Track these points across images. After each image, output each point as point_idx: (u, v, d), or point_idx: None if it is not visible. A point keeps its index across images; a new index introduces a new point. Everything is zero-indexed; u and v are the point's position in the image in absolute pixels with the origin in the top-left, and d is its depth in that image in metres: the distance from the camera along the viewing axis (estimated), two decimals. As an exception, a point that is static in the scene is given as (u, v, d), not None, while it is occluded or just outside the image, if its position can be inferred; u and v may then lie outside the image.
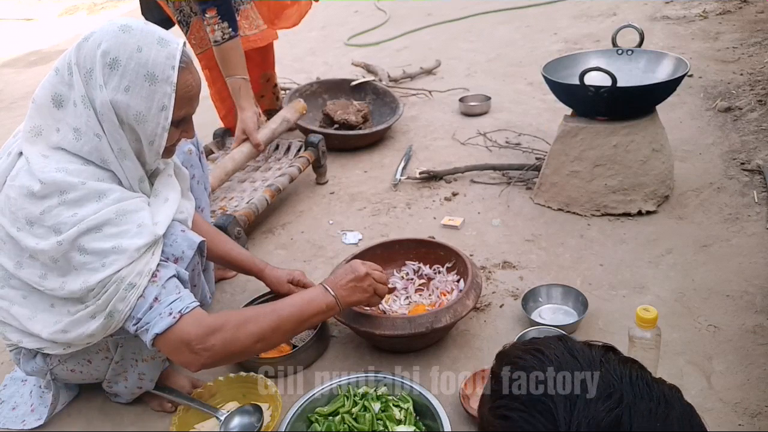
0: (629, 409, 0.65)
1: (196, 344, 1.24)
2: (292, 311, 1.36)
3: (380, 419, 1.41)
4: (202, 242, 1.40)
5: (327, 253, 2.19)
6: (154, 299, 1.24)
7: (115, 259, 1.21)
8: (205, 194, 1.90)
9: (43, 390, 1.61)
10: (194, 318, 1.25)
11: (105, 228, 1.21)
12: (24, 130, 1.29)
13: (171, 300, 1.25)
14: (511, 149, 2.76)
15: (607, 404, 0.65)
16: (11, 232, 1.26)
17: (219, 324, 1.27)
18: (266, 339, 1.33)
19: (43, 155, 1.25)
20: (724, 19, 3.99)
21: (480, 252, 2.08)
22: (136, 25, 1.25)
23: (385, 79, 3.57)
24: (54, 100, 1.26)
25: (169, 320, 1.23)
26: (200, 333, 1.24)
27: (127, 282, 1.21)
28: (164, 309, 1.24)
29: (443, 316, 1.55)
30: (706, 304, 1.71)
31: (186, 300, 1.26)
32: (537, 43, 4.18)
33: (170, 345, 1.25)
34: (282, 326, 1.34)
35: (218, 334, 1.26)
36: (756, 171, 2.29)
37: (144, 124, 1.26)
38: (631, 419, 0.64)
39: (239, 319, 1.30)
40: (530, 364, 0.73)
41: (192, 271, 1.40)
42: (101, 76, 1.22)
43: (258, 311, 1.36)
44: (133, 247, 1.22)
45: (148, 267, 1.24)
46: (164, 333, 1.23)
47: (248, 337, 1.29)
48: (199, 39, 2.60)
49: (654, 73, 2.19)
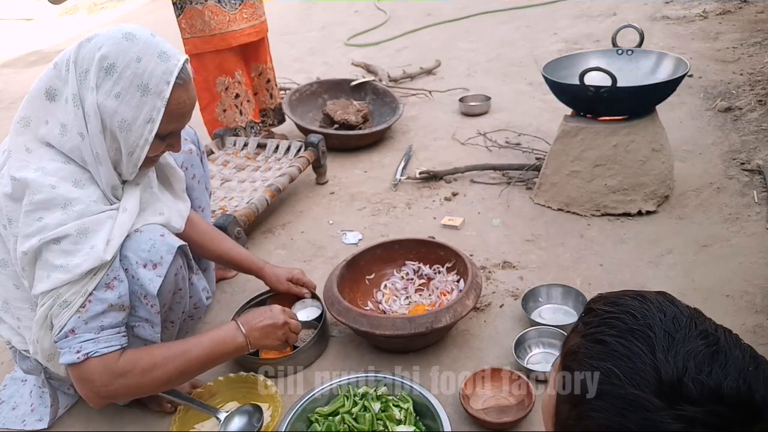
0: (725, 351, 0.65)
1: (98, 386, 1.26)
2: (201, 353, 1.37)
3: (380, 419, 1.41)
4: (182, 245, 1.40)
5: (327, 253, 2.19)
6: (70, 330, 1.24)
7: (57, 277, 1.22)
8: (206, 194, 1.90)
9: (42, 390, 1.61)
10: (102, 363, 1.25)
11: (63, 242, 1.22)
12: (15, 119, 1.30)
13: (85, 339, 1.25)
14: (511, 149, 2.76)
15: (706, 341, 0.66)
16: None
17: (126, 370, 1.27)
18: (171, 382, 1.36)
19: (27, 149, 1.27)
20: (724, 19, 3.99)
21: (480, 252, 2.08)
22: (141, 35, 1.25)
23: (385, 79, 3.58)
24: (47, 92, 1.27)
25: (74, 358, 1.24)
26: (104, 378, 1.25)
27: (63, 299, 1.23)
28: (75, 345, 1.24)
29: (443, 316, 1.55)
30: (706, 304, 1.71)
31: (100, 344, 1.26)
32: (537, 43, 4.18)
33: (74, 378, 1.27)
34: (189, 368, 1.37)
35: (122, 380, 1.27)
36: (756, 171, 2.29)
37: (127, 133, 1.26)
38: (726, 359, 0.64)
39: (146, 364, 1.30)
40: (630, 303, 0.73)
41: (175, 275, 1.40)
42: (95, 79, 1.22)
43: (167, 354, 1.34)
44: (78, 270, 1.22)
45: (85, 288, 1.24)
46: (69, 365, 1.25)
47: (153, 382, 1.32)
48: (190, 25, 2.65)
49: (654, 73, 2.19)
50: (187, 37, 2.68)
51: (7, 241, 1.30)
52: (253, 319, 1.48)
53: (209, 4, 2.61)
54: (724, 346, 0.66)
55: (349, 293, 1.78)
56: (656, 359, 0.64)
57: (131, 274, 1.31)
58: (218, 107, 2.81)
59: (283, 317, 1.51)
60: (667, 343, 0.66)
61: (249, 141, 2.67)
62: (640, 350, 0.66)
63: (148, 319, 1.37)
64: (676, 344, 0.66)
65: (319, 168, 2.65)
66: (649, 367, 0.64)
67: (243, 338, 1.43)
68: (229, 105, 2.81)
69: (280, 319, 1.50)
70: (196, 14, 2.61)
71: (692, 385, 0.62)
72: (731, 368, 0.64)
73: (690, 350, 0.65)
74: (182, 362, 1.34)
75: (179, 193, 1.60)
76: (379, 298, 1.85)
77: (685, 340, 0.66)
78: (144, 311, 1.35)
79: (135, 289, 1.32)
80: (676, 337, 0.66)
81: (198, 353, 1.37)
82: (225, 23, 2.65)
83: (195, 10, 2.61)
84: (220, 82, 2.76)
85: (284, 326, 1.51)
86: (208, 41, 2.66)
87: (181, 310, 1.50)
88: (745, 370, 0.64)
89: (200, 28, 2.64)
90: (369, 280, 1.88)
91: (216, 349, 1.40)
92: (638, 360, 0.65)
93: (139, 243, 1.33)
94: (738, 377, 0.63)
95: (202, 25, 2.63)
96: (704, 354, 0.65)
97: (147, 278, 1.32)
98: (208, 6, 2.61)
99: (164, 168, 1.56)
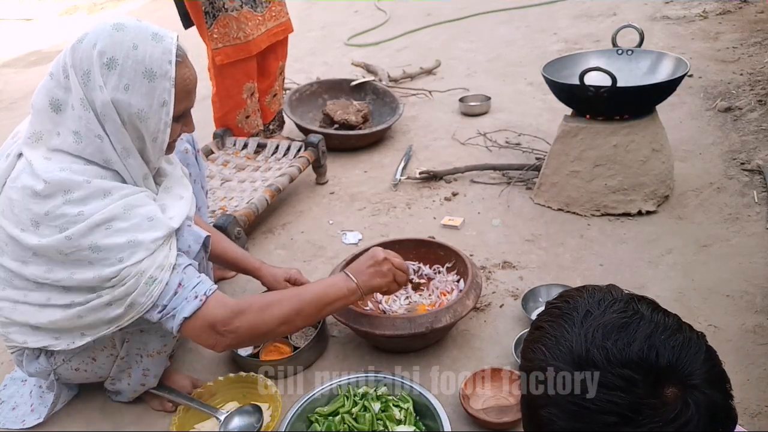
0: (637, 322, 0.72)
1: (221, 326, 1.27)
2: (313, 295, 1.39)
3: (380, 419, 1.41)
4: (207, 237, 1.42)
5: (327, 253, 2.19)
6: (177, 285, 1.26)
7: (132, 252, 1.22)
8: (203, 193, 1.90)
9: (43, 390, 1.61)
10: (218, 300, 1.28)
11: (114, 223, 1.22)
12: (24, 136, 1.29)
13: (194, 284, 1.27)
14: (511, 149, 2.76)
15: (620, 315, 0.73)
16: (14, 234, 1.25)
17: (244, 307, 1.30)
18: (290, 322, 1.36)
19: (46, 158, 1.26)
20: (724, 19, 3.99)
21: (480, 252, 2.08)
22: (128, 23, 1.25)
23: (385, 79, 3.57)
24: (52, 104, 1.26)
25: (196, 303, 1.25)
26: (226, 315, 1.27)
27: (148, 275, 1.23)
28: (189, 293, 1.26)
29: (443, 316, 1.55)
30: (706, 304, 1.71)
31: (207, 283, 1.29)
32: (537, 43, 4.18)
33: (197, 328, 1.27)
34: (304, 309, 1.36)
35: (243, 316, 1.29)
36: (756, 171, 2.29)
37: (146, 122, 1.27)
38: (636, 328, 0.71)
39: (263, 303, 1.33)
40: (570, 293, 0.82)
41: (198, 265, 1.41)
42: (100, 77, 1.22)
43: (281, 295, 1.40)
44: (149, 239, 1.23)
45: (168, 261, 1.26)
46: (191, 317, 1.25)
47: (272, 320, 1.32)
48: (223, 34, 2.49)
49: (654, 73, 2.19)
50: (218, 47, 2.51)
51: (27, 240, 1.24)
52: (356, 265, 1.49)
53: (244, 10, 2.50)
54: (638, 318, 0.72)
55: (349, 293, 1.78)
56: (572, 334, 0.73)
57: None
58: (240, 114, 2.70)
59: (382, 254, 1.49)
60: (584, 319, 0.74)
61: (249, 141, 2.67)
62: (564, 329, 0.74)
63: None
64: (591, 320, 0.74)
65: (319, 168, 2.65)
66: (566, 342, 0.73)
67: (353, 282, 1.43)
68: (253, 110, 2.74)
69: (380, 255, 1.49)
70: (231, 22, 2.48)
71: (597, 352, 0.70)
72: (639, 336, 0.70)
73: (601, 323, 0.72)
74: (297, 302, 1.36)
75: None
76: (379, 298, 1.85)
77: (601, 316, 0.73)
78: None
79: None
80: (594, 313, 0.74)
81: (311, 296, 1.39)
82: (255, 26, 2.56)
83: (230, 18, 2.47)
84: (247, 89, 2.66)
85: (386, 261, 1.48)
86: (242, 49, 2.54)
87: None
88: (653, 337, 0.70)
89: (235, 36, 2.50)
90: (369, 280, 1.88)
91: (327, 292, 1.41)
92: (561, 337, 0.74)
93: None
94: (643, 343, 0.69)
95: (237, 33, 2.50)
96: (613, 325, 0.72)
97: None
98: (243, 13, 2.50)
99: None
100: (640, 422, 0.66)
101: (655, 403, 0.67)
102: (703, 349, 0.72)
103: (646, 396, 0.67)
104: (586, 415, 0.68)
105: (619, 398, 0.67)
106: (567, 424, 0.70)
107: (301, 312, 1.36)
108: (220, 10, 2.46)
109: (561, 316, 0.76)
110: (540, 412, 0.73)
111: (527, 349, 0.80)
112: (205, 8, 2.45)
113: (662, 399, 0.67)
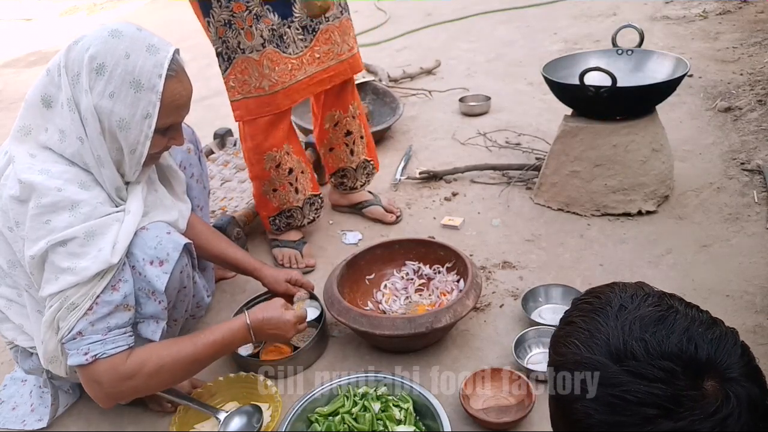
0: (673, 315, 0.72)
1: (106, 387, 1.27)
2: (209, 352, 1.40)
3: (380, 419, 1.41)
4: (188, 244, 1.40)
5: (327, 253, 2.19)
6: (78, 332, 1.24)
7: (65, 279, 1.22)
8: (204, 193, 1.89)
9: (42, 390, 1.61)
10: (110, 364, 1.26)
11: (70, 244, 1.23)
12: (14, 128, 1.31)
13: (93, 340, 1.25)
14: (511, 149, 2.76)
15: (656, 308, 0.74)
16: (4, 232, 1.30)
17: (133, 372, 1.28)
18: (177, 381, 1.42)
19: (31, 154, 1.27)
20: (724, 19, 3.99)
21: (480, 252, 2.08)
22: (127, 31, 1.25)
23: (385, 79, 3.57)
24: (43, 100, 1.27)
25: (82, 359, 1.24)
26: (112, 380, 1.27)
27: (70, 302, 1.23)
28: (83, 346, 1.24)
29: (443, 316, 1.55)
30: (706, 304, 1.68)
31: (108, 345, 1.26)
32: (537, 43, 4.18)
33: (83, 379, 1.29)
34: (196, 369, 1.41)
35: (130, 382, 1.28)
36: (756, 171, 2.29)
37: (126, 131, 1.26)
38: (674, 321, 0.71)
39: (153, 368, 1.30)
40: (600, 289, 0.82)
41: (180, 273, 1.40)
42: (87, 81, 1.22)
43: (177, 354, 1.34)
44: (86, 273, 1.23)
45: (93, 291, 1.24)
46: (78, 367, 1.26)
47: (159, 384, 1.36)
48: (241, 82, 1.86)
49: (654, 73, 2.19)
50: (237, 98, 1.90)
51: (14, 243, 1.30)
52: (264, 321, 1.49)
53: (268, 50, 1.83)
54: (674, 312, 0.73)
55: (349, 293, 1.78)
56: (608, 327, 0.73)
57: (138, 271, 1.32)
58: (265, 186, 2.05)
59: (292, 332, 1.53)
60: (619, 313, 0.74)
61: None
62: (598, 323, 0.74)
63: (154, 315, 1.37)
64: (626, 313, 0.74)
65: (319, 168, 2.64)
66: (602, 335, 0.73)
67: (251, 336, 1.47)
68: (281, 184, 2.05)
69: (290, 333, 1.53)
70: (251, 66, 1.83)
71: (636, 344, 0.70)
72: (677, 329, 0.71)
73: (637, 316, 0.73)
74: (190, 363, 1.36)
75: (180, 195, 1.60)
76: (379, 298, 1.85)
77: (636, 309, 0.74)
78: (152, 307, 1.35)
79: (142, 285, 1.33)
80: (629, 307, 0.75)
81: (206, 353, 1.39)
82: (288, 72, 1.88)
83: (249, 60, 1.83)
84: (270, 159, 1.99)
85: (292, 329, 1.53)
86: (267, 102, 1.88)
87: (185, 308, 1.51)
88: (691, 330, 0.70)
89: (256, 86, 1.86)
90: (369, 280, 1.88)
91: (219, 351, 1.43)
92: (595, 331, 0.74)
93: (145, 240, 1.33)
94: (682, 336, 0.70)
95: (258, 81, 1.85)
96: (650, 318, 0.72)
97: (154, 275, 1.33)
98: (266, 54, 1.83)
99: (165, 169, 1.56)
100: (680, 415, 0.65)
101: (696, 395, 0.66)
102: (739, 343, 0.72)
103: (687, 388, 0.66)
104: (626, 408, 0.67)
105: (660, 390, 0.66)
106: (605, 418, 0.69)
107: (192, 372, 1.41)
108: (236, 51, 1.83)
109: (593, 311, 0.76)
110: (575, 406, 0.72)
111: (558, 344, 0.79)
112: (218, 49, 1.85)
113: (702, 392, 0.66)
